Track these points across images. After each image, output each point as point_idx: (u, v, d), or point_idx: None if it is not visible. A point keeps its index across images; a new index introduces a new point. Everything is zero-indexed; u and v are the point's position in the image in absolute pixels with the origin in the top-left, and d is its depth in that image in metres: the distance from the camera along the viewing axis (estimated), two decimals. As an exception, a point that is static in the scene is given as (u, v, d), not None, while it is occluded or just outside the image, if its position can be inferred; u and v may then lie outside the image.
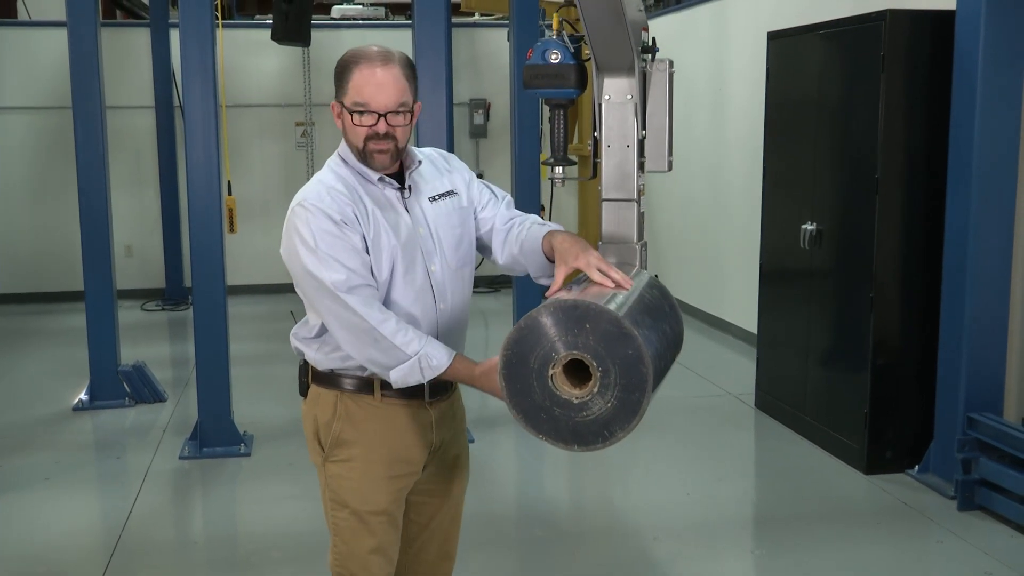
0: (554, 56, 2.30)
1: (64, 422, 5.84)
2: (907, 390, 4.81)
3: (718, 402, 6.12)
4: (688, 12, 8.39)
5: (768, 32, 5.66)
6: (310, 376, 2.41)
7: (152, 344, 7.88)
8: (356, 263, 2.21)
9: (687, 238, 8.57)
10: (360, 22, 10.12)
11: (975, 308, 4.43)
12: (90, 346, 6.03)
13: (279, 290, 9.49)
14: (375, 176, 2.30)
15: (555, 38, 2.33)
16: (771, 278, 5.80)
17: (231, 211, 6.82)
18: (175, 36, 7.72)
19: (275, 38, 8.41)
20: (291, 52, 9.57)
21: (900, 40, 4.61)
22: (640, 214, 2.38)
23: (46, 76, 9.36)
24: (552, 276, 2.28)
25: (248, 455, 5.18)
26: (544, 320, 1.94)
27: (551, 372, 1.95)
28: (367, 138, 2.24)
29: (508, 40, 6.20)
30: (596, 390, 1.93)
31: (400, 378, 2.22)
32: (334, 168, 2.33)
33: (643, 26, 2.37)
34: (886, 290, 4.75)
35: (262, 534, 4.29)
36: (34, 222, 9.60)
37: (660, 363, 2.01)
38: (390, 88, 2.22)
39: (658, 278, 2.35)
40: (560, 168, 2.45)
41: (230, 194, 6.93)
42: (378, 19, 10.40)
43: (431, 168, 2.43)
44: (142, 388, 6.14)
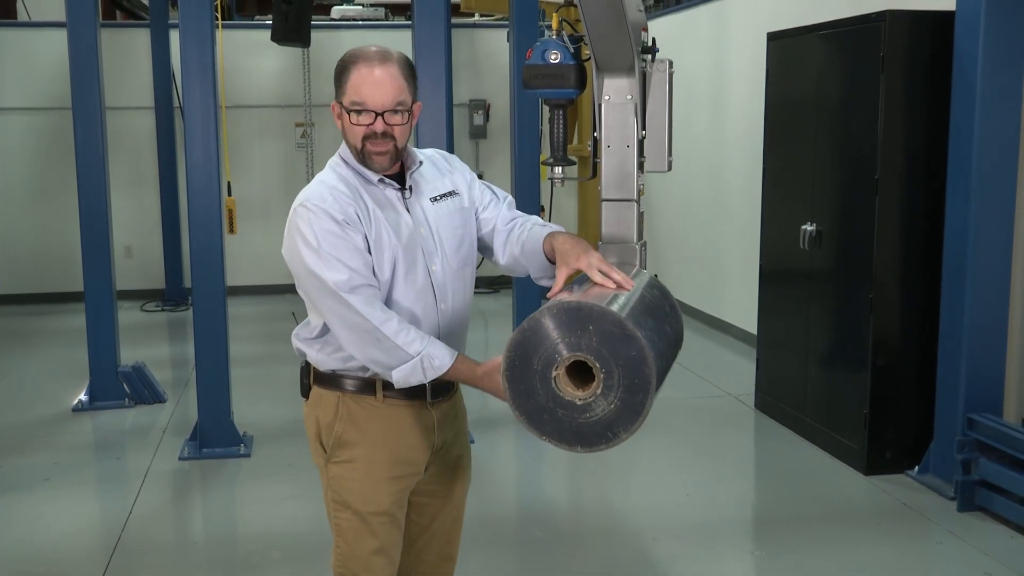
0: (554, 56, 2.30)
1: (64, 423, 5.84)
2: (907, 391, 4.81)
3: (718, 403, 6.12)
4: (688, 13, 8.39)
5: (768, 33, 5.66)
6: (312, 377, 2.41)
7: (152, 345, 7.88)
8: (358, 263, 2.21)
9: (687, 238, 8.57)
10: (360, 23, 10.12)
11: (975, 308, 4.43)
12: (90, 347, 6.03)
13: (279, 291, 9.49)
14: (375, 177, 2.30)
15: (555, 38, 2.32)
16: (771, 279, 5.80)
17: (231, 212, 6.82)
18: (175, 37, 7.72)
19: (275, 39, 8.41)
20: (291, 53, 9.57)
21: (900, 40, 4.61)
22: (640, 214, 2.38)
23: (46, 77, 9.36)
24: (552, 277, 2.28)
25: (248, 456, 5.18)
26: (547, 322, 1.94)
27: (554, 374, 1.94)
28: (365, 138, 2.24)
29: (508, 40, 6.20)
30: (599, 391, 1.92)
31: (402, 378, 2.22)
32: (335, 168, 2.32)
33: (643, 26, 2.37)
34: (886, 290, 4.75)
35: (262, 535, 4.29)
36: (34, 223, 9.60)
37: (663, 363, 2.01)
38: (387, 87, 2.21)
39: (658, 278, 2.35)
40: (560, 168, 2.45)
41: (230, 195, 6.93)
42: (378, 20, 10.39)
43: (432, 169, 2.43)
44: (142, 389, 6.14)
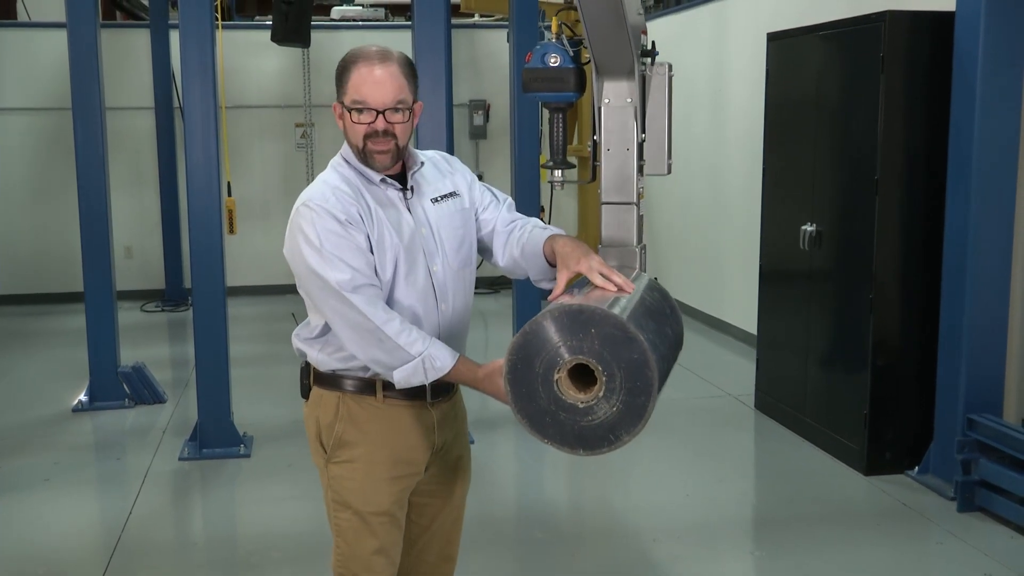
0: (553, 60, 2.30)
1: (64, 423, 5.84)
2: (907, 391, 4.81)
3: (718, 403, 6.12)
4: (688, 13, 8.39)
5: (768, 33, 5.66)
6: (312, 378, 2.41)
7: (152, 345, 7.87)
8: (361, 263, 2.21)
9: (687, 238, 8.57)
10: (360, 23, 10.12)
11: (975, 309, 4.43)
12: (90, 347, 6.03)
13: (279, 291, 9.49)
14: (377, 177, 2.30)
15: (554, 41, 2.32)
16: (771, 279, 5.80)
17: (231, 212, 6.82)
18: (175, 37, 7.71)
19: (275, 39, 8.41)
20: (291, 53, 9.57)
21: (900, 41, 4.61)
22: (640, 217, 2.37)
23: (46, 77, 9.36)
24: (551, 280, 2.28)
25: (248, 456, 5.18)
26: (549, 325, 1.94)
27: (556, 377, 1.94)
28: (366, 136, 2.24)
29: (508, 41, 6.19)
30: (601, 394, 1.92)
31: (403, 378, 2.22)
32: (338, 168, 2.33)
33: (642, 29, 2.36)
34: (886, 291, 4.75)
35: (262, 535, 4.29)
36: (34, 223, 9.60)
37: (664, 366, 2.01)
38: (388, 85, 2.22)
39: (657, 280, 2.36)
40: (559, 171, 2.45)
41: (230, 195, 6.93)
42: (378, 20, 10.40)
43: (433, 170, 2.44)
44: (142, 389, 6.14)
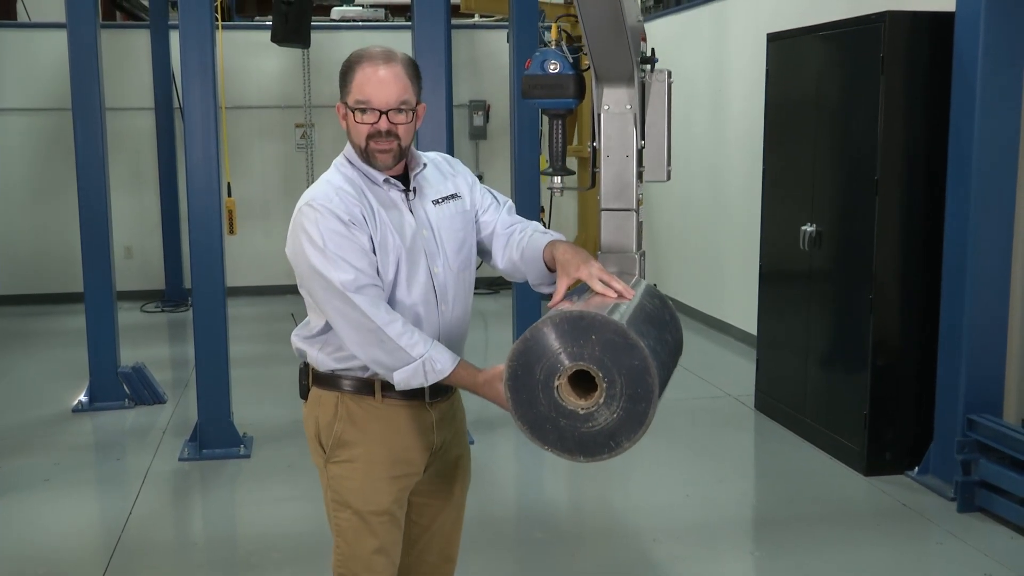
0: (553, 66, 2.30)
1: (64, 423, 5.84)
2: (907, 391, 4.81)
3: (718, 404, 6.12)
4: (688, 13, 8.40)
5: (768, 33, 5.66)
6: (311, 378, 2.41)
7: (152, 345, 7.88)
8: (364, 263, 2.22)
9: (687, 238, 8.57)
10: (360, 24, 10.12)
11: (975, 309, 4.43)
12: (90, 347, 6.03)
13: (279, 291, 9.50)
14: (381, 177, 2.30)
15: (554, 48, 2.32)
16: (771, 279, 5.80)
17: (231, 212, 6.83)
18: (175, 37, 7.72)
19: (275, 40, 8.42)
20: (291, 54, 9.58)
21: (899, 41, 4.61)
22: (639, 224, 2.37)
23: (46, 77, 9.36)
24: (550, 284, 2.29)
25: (248, 457, 5.18)
26: (549, 332, 1.94)
27: (557, 383, 1.94)
28: (369, 136, 2.25)
29: (508, 41, 6.19)
30: (602, 401, 1.92)
31: (403, 380, 2.23)
32: (341, 169, 2.33)
33: (642, 36, 2.36)
34: (886, 291, 4.75)
35: (262, 535, 4.29)
36: (34, 223, 9.61)
37: (664, 372, 2.01)
38: (391, 85, 2.22)
39: (657, 286, 2.35)
40: (559, 178, 2.46)
41: (230, 195, 6.94)
42: (378, 20, 10.40)
43: (435, 171, 2.45)
44: (142, 390, 6.14)
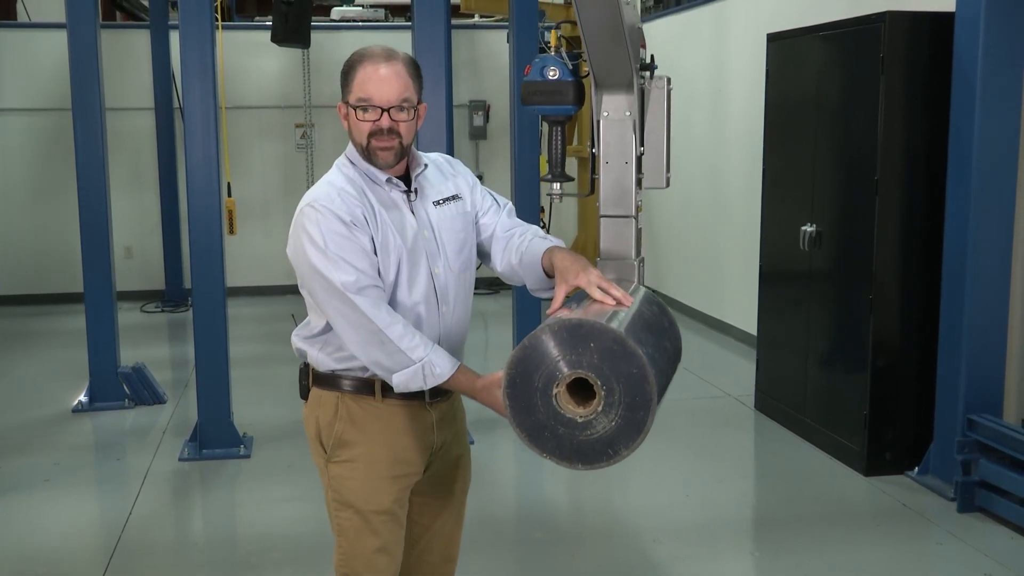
0: (552, 72, 2.30)
1: (64, 424, 5.84)
2: (907, 391, 4.81)
3: (718, 404, 6.12)
4: (688, 13, 8.40)
5: (768, 34, 5.66)
6: (311, 379, 2.42)
7: (152, 346, 7.88)
8: (365, 264, 2.22)
9: (687, 238, 8.57)
10: (360, 24, 10.12)
11: (975, 309, 4.43)
12: (90, 348, 6.03)
13: (278, 292, 9.51)
14: (383, 177, 2.31)
15: (553, 54, 2.32)
16: (771, 279, 5.80)
17: (231, 213, 6.82)
18: (175, 38, 7.72)
19: (275, 40, 8.41)
20: (291, 54, 9.58)
21: (899, 42, 4.61)
22: (638, 230, 2.37)
23: (46, 77, 9.36)
24: (548, 290, 2.29)
25: (248, 457, 5.18)
26: (548, 339, 1.94)
27: (555, 391, 1.94)
28: (371, 134, 2.25)
29: (508, 42, 6.18)
30: (600, 409, 1.92)
31: (402, 382, 2.23)
32: (342, 169, 2.34)
33: (642, 43, 2.36)
34: (886, 291, 4.75)
35: (262, 535, 4.29)
36: (34, 223, 9.60)
37: (662, 380, 2.01)
38: (393, 83, 2.23)
39: (655, 293, 2.35)
40: (558, 184, 2.46)
41: (230, 196, 6.94)
42: (378, 20, 10.40)
43: (436, 172, 2.45)
44: (142, 390, 6.14)
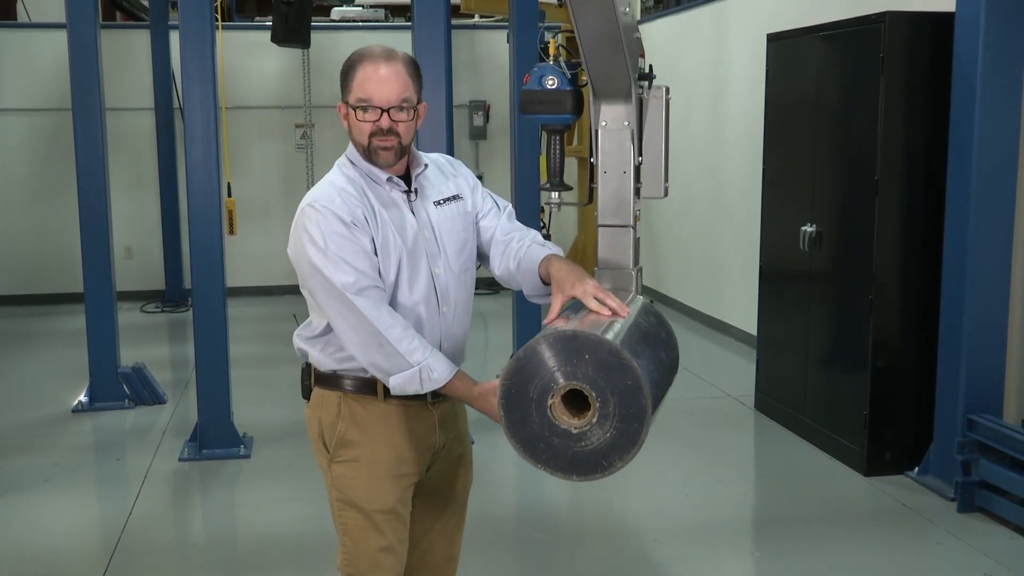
0: (551, 81, 2.30)
1: (64, 424, 5.84)
2: (907, 392, 4.81)
3: (718, 404, 6.12)
4: (688, 14, 8.40)
5: (768, 34, 5.66)
6: (313, 379, 2.42)
7: (152, 346, 7.87)
8: (365, 265, 2.22)
9: (687, 238, 8.57)
10: (360, 24, 10.12)
11: (975, 309, 4.43)
12: (90, 348, 6.03)
13: (278, 292, 9.51)
14: (384, 177, 2.31)
15: (552, 63, 2.33)
16: (771, 279, 5.80)
17: (231, 213, 6.82)
18: (175, 38, 7.71)
19: (275, 40, 8.41)
20: (291, 54, 9.57)
21: (899, 42, 4.61)
22: (636, 240, 2.38)
23: (46, 78, 9.36)
24: (545, 296, 2.30)
25: (248, 457, 5.18)
26: (543, 350, 1.95)
27: (550, 402, 1.95)
28: (371, 134, 2.26)
29: (508, 42, 6.18)
30: (595, 420, 1.93)
31: (399, 385, 2.23)
32: (343, 170, 2.34)
33: (640, 53, 2.37)
34: (886, 291, 4.75)
35: (262, 536, 4.29)
36: (34, 223, 9.60)
37: (658, 392, 2.01)
38: (392, 83, 2.23)
39: (653, 303, 2.35)
40: (557, 193, 2.46)
41: (230, 196, 6.93)
42: (378, 21, 10.40)
43: (437, 172, 2.45)
44: (142, 390, 6.14)
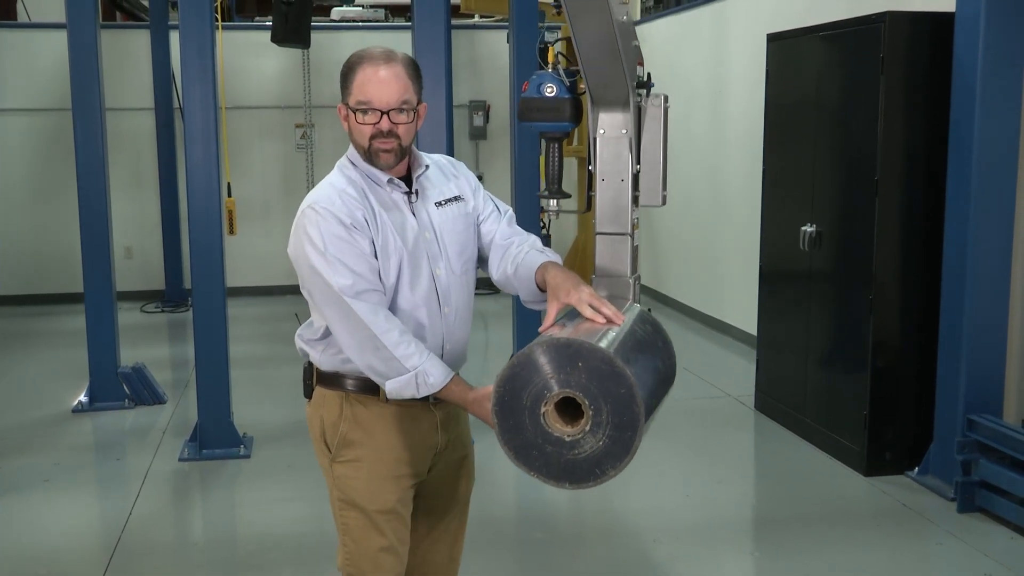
0: (549, 89, 2.31)
1: (64, 424, 5.84)
2: (907, 392, 4.81)
3: (718, 404, 6.12)
4: (688, 14, 8.40)
5: (768, 34, 5.66)
6: (315, 378, 2.42)
7: (152, 346, 7.87)
8: (364, 268, 2.22)
9: (687, 238, 8.57)
10: (360, 24, 10.12)
11: (975, 309, 4.43)
12: (90, 348, 6.03)
13: (278, 292, 9.51)
14: (384, 178, 2.31)
15: (551, 71, 2.33)
16: (771, 279, 5.80)
17: (231, 213, 6.82)
18: (175, 38, 7.72)
19: (275, 40, 8.41)
20: (291, 54, 9.57)
21: (899, 42, 4.61)
22: (634, 248, 2.38)
23: (46, 78, 9.36)
24: (541, 302, 2.30)
25: (248, 457, 5.18)
26: (537, 358, 1.95)
27: (543, 410, 1.95)
28: (372, 136, 2.26)
29: (508, 42, 6.18)
30: (588, 428, 1.93)
31: (395, 390, 2.23)
32: (344, 171, 2.34)
33: (638, 60, 2.37)
34: (886, 291, 4.75)
35: (262, 536, 4.29)
36: (34, 223, 9.60)
37: (652, 401, 2.01)
38: (392, 85, 2.23)
39: (651, 312, 2.35)
40: (555, 201, 2.46)
41: (230, 196, 6.94)
42: (378, 21, 10.40)
43: (438, 173, 2.45)
44: (142, 390, 6.14)
